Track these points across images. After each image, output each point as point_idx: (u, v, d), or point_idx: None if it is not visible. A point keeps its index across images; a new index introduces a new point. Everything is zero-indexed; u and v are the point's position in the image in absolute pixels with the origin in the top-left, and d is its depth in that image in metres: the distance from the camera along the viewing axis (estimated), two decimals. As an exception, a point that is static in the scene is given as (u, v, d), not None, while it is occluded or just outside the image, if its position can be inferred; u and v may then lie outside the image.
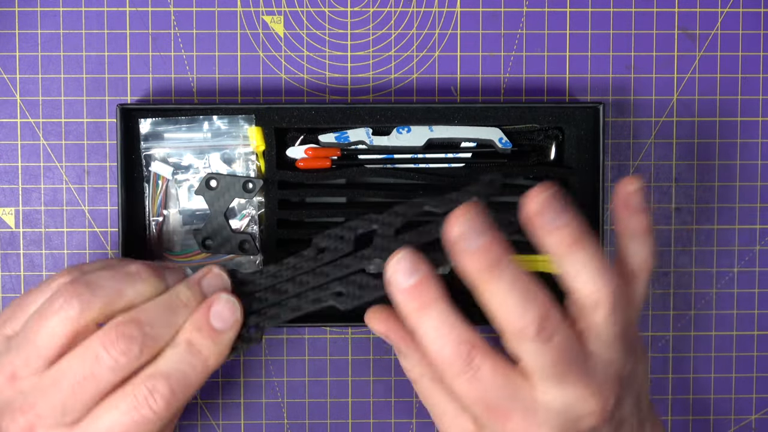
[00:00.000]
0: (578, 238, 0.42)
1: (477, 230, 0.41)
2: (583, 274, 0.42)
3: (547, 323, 0.40)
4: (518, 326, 0.41)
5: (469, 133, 0.57)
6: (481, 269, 0.41)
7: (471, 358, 0.41)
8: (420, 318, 0.42)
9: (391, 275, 0.42)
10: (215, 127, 0.56)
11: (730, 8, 0.60)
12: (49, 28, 0.59)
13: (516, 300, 0.41)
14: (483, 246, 0.41)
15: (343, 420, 0.60)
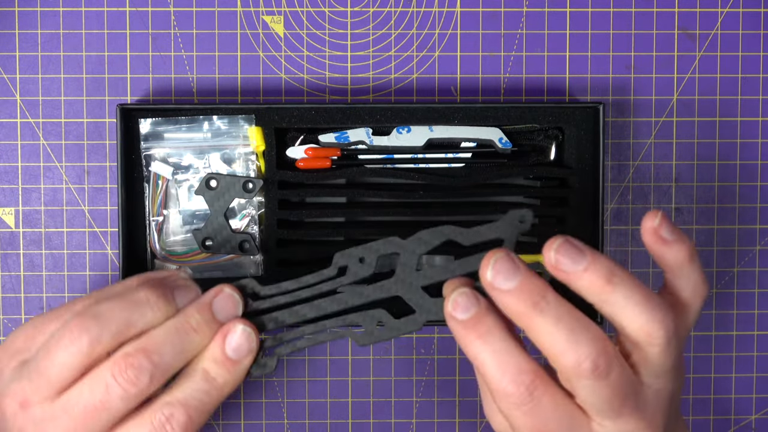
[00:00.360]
0: (608, 276, 0.41)
1: (511, 269, 0.41)
2: (628, 310, 0.41)
3: (602, 359, 0.40)
4: (572, 363, 0.40)
5: (469, 133, 0.57)
6: (524, 308, 0.41)
7: (533, 389, 0.41)
8: (479, 348, 0.41)
9: (450, 311, 0.42)
10: (215, 127, 0.56)
11: (730, 8, 0.60)
12: (49, 28, 0.59)
13: (566, 336, 0.40)
14: (520, 284, 0.41)
15: (343, 420, 0.60)
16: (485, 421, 0.61)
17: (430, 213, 0.57)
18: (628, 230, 0.60)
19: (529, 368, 0.41)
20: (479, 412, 0.61)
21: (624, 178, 0.60)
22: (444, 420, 0.61)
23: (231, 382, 0.45)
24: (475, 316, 0.42)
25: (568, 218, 0.58)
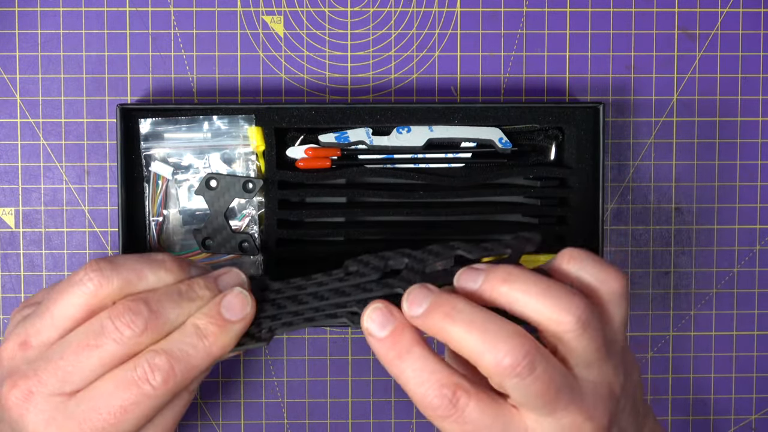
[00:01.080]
0: (504, 277, 0.42)
1: (422, 296, 0.43)
2: (531, 303, 0.41)
3: (521, 354, 0.40)
4: (492, 363, 0.40)
5: (469, 133, 0.57)
6: (438, 321, 0.42)
7: (456, 399, 0.41)
8: (400, 366, 0.42)
9: (366, 327, 0.43)
10: (215, 127, 0.56)
11: (730, 8, 0.60)
12: (49, 28, 0.59)
13: (480, 337, 0.41)
14: (431, 304, 0.42)
15: (343, 420, 0.60)
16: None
17: (430, 213, 0.57)
18: (628, 230, 0.60)
19: (449, 381, 0.42)
20: (479, 412, 0.61)
21: (624, 178, 0.60)
22: (444, 420, 0.61)
23: (220, 342, 0.45)
24: (392, 333, 0.42)
25: (568, 218, 0.58)
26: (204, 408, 0.60)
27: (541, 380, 0.40)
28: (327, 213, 0.57)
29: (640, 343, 0.61)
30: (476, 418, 0.41)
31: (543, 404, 0.41)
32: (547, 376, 0.41)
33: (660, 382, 0.61)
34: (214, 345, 0.44)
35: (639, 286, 0.61)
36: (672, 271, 0.61)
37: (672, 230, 0.61)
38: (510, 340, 0.40)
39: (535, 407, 0.41)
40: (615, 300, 0.44)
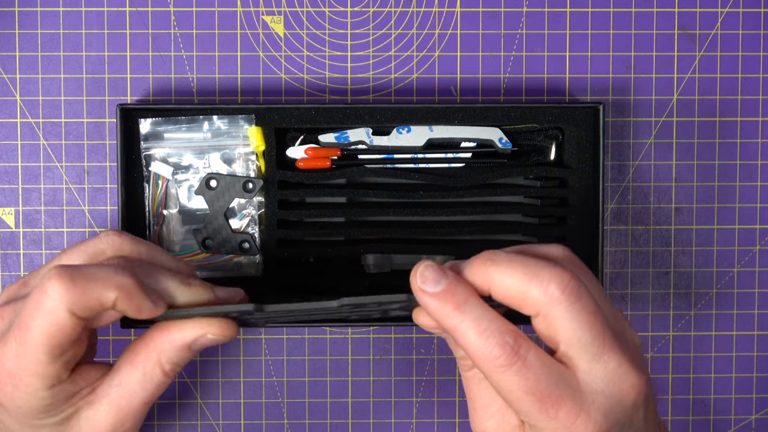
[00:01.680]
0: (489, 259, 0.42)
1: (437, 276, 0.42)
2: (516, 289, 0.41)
3: (569, 281, 0.41)
4: (541, 293, 0.40)
5: (469, 133, 0.57)
6: (479, 268, 0.42)
7: (518, 346, 0.41)
8: (458, 317, 0.41)
9: (420, 285, 0.42)
10: (215, 127, 0.56)
11: (730, 8, 0.60)
12: (49, 28, 0.59)
13: (523, 274, 0.41)
14: (472, 259, 0.42)
15: (343, 420, 0.60)
16: (485, 421, 0.61)
17: (430, 213, 0.57)
18: (628, 230, 0.60)
19: (509, 329, 0.41)
20: (479, 412, 0.61)
21: (624, 178, 0.60)
22: (444, 420, 0.61)
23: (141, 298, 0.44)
24: (448, 287, 0.42)
25: (568, 218, 0.58)
26: (204, 408, 0.60)
27: (588, 309, 0.41)
28: (327, 213, 0.57)
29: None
30: (537, 367, 0.41)
31: (592, 339, 0.41)
32: (593, 305, 0.41)
33: (660, 382, 0.61)
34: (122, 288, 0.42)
35: (639, 286, 0.61)
36: (672, 271, 0.61)
37: (672, 230, 0.61)
38: (552, 269, 0.41)
39: (585, 345, 0.41)
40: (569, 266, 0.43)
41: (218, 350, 0.60)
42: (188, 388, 0.60)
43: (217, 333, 0.45)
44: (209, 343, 0.46)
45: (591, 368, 0.41)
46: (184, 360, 0.46)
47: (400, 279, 0.57)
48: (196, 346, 0.46)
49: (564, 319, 0.41)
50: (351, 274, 0.57)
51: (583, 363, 0.41)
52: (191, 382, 0.60)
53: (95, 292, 0.42)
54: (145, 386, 0.45)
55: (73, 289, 0.41)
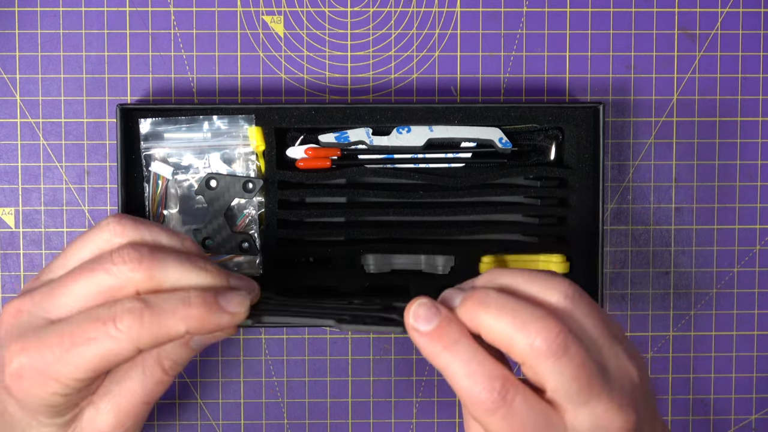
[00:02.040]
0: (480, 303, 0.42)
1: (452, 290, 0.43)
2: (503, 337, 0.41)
3: (557, 335, 0.40)
4: (527, 346, 0.40)
5: (469, 133, 0.57)
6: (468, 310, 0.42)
7: (505, 392, 0.41)
8: (448, 358, 0.42)
9: (413, 323, 0.42)
10: (215, 127, 0.56)
11: (730, 8, 0.60)
12: (49, 28, 0.59)
13: (512, 321, 0.41)
14: (466, 296, 0.42)
15: (343, 420, 0.60)
16: (485, 421, 0.61)
17: (430, 213, 0.57)
18: (628, 230, 0.60)
19: (498, 373, 0.41)
20: (479, 412, 0.61)
21: (624, 178, 0.60)
22: (444, 420, 0.61)
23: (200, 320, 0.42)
24: (439, 326, 0.42)
25: (568, 218, 0.58)
26: (204, 408, 0.60)
27: (574, 362, 0.40)
28: (327, 213, 0.57)
29: (640, 343, 0.61)
30: (523, 412, 0.41)
31: (578, 389, 0.41)
32: (580, 357, 0.41)
33: (660, 382, 0.61)
34: (193, 318, 0.42)
35: (639, 286, 0.61)
36: (672, 271, 0.61)
37: (672, 230, 0.61)
38: (541, 321, 0.41)
39: (571, 395, 0.41)
40: (568, 309, 0.43)
41: (218, 350, 0.60)
42: (188, 388, 0.60)
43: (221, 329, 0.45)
44: (208, 340, 0.46)
45: (578, 413, 0.41)
46: (184, 358, 0.46)
47: (400, 279, 0.57)
48: (195, 343, 0.46)
49: (549, 373, 0.41)
50: (351, 274, 0.57)
51: (569, 408, 0.41)
52: (191, 382, 0.60)
53: (165, 329, 0.42)
54: (145, 385, 0.45)
55: (145, 329, 0.41)
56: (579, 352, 0.41)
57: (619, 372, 0.42)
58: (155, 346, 0.42)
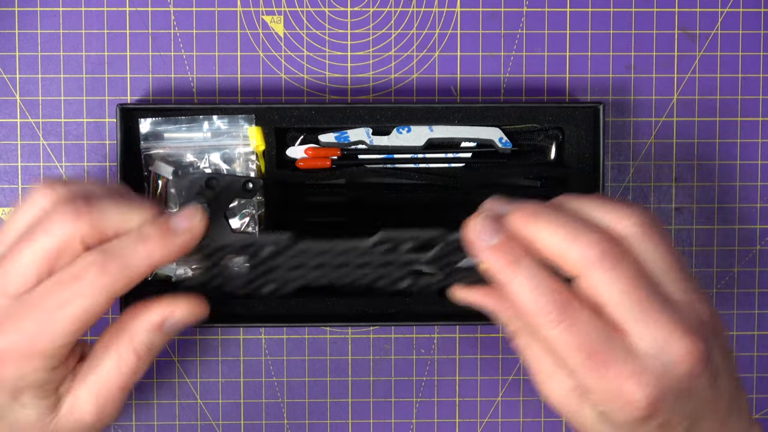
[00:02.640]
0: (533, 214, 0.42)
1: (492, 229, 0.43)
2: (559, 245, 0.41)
3: (611, 246, 0.41)
4: (580, 257, 0.41)
5: (469, 133, 0.57)
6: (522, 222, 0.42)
7: (568, 305, 0.41)
8: (512, 272, 0.42)
9: (476, 236, 0.42)
10: (215, 127, 0.56)
11: (730, 8, 0.60)
12: (49, 28, 0.59)
13: (565, 234, 0.41)
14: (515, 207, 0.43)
15: (343, 420, 0.60)
16: (485, 420, 0.61)
17: (430, 213, 0.57)
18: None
19: (561, 287, 0.41)
20: (479, 412, 0.61)
21: (624, 178, 0.60)
22: (444, 420, 0.61)
23: (162, 248, 0.43)
24: (504, 241, 0.42)
25: (568, 218, 0.58)
26: (204, 408, 0.60)
27: (627, 275, 0.40)
28: (327, 213, 0.57)
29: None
30: (588, 324, 0.41)
31: (631, 305, 0.40)
32: (633, 272, 0.41)
33: (660, 382, 0.61)
34: (155, 251, 0.42)
35: (639, 286, 0.61)
36: (672, 271, 0.61)
37: (672, 230, 0.61)
38: (595, 233, 0.41)
39: (626, 310, 0.41)
40: (638, 237, 0.42)
41: (218, 350, 0.60)
42: (188, 387, 0.60)
43: (185, 311, 0.45)
44: (179, 323, 0.45)
45: (640, 332, 0.41)
46: (158, 343, 0.45)
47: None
48: (167, 327, 0.45)
49: (603, 284, 0.41)
50: (351, 274, 0.57)
51: (630, 327, 0.41)
52: (191, 382, 0.60)
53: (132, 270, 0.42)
54: (120, 371, 0.45)
55: (112, 277, 0.42)
56: (633, 267, 0.41)
57: (686, 305, 0.42)
58: (127, 290, 0.42)
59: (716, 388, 0.42)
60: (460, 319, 0.56)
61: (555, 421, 0.61)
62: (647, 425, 0.41)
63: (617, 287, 0.41)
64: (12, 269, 0.42)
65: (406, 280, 0.46)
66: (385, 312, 0.57)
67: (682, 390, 0.41)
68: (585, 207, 0.43)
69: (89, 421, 0.45)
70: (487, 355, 0.61)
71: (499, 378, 0.61)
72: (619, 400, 0.41)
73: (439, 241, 0.45)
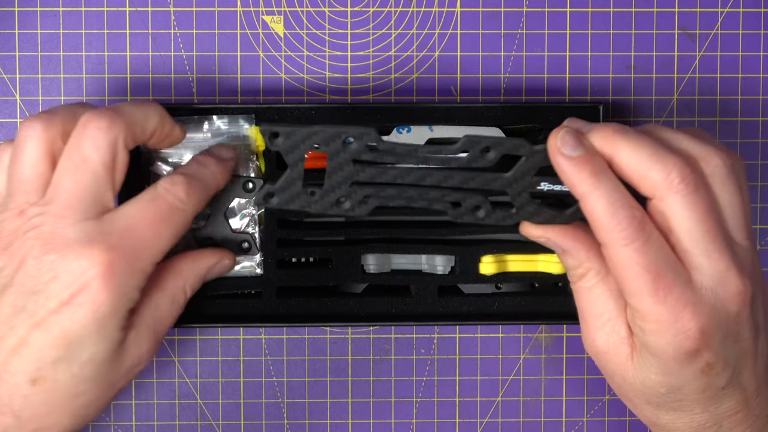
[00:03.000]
0: (618, 131, 0.43)
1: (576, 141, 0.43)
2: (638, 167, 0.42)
3: (691, 171, 0.41)
4: (662, 177, 0.41)
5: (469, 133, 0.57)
6: (606, 136, 0.43)
7: (644, 223, 0.41)
8: (591, 185, 0.42)
9: (559, 146, 0.43)
10: (215, 127, 0.56)
11: (730, 8, 0.60)
12: (49, 28, 0.59)
13: (648, 153, 0.41)
14: (598, 125, 0.43)
15: (343, 420, 0.60)
16: (485, 420, 0.61)
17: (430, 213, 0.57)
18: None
19: (639, 206, 0.42)
20: (479, 412, 0.61)
21: (624, 178, 0.60)
22: (444, 420, 0.61)
23: (221, 172, 0.50)
24: (586, 154, 0.42)
25: (568, 218, 0.58)
26: (204, 408, 0.60)
27: (703, 203, 0.41)
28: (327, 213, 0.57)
29: (640, 343, 0.61)
30: (658, 248, 0.41)
31: (702, 234, 0.41)
32: (709, 202, 0.41)
33: (660, 382, 0.61)
34: (218, 173, 0.49)
35: (639, 286, 0.61)
36: (672, 271, 0.61)
37: (672, 230, 0.61)
38: (677, 157, 0.41)
39: (695, 238, 0.41)
40: (718, 178, 0.43)
41: (218, 350, 0.60)
42: (188, 387, 0.60)
43: (228, 261, 0.51)
44: (221, 271, 0.51)
45: (701, 264, 0.41)
46: (198, 287, 0.50)
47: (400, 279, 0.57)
48: (211, 273, 0.50)
49: (678, 208, 0.41)
50: (351, 274, 0.57)
51: (694, 257, 0.41)
52: (191, 381, 0.60)
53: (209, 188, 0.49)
54: (172, 310, 0.48)
55: (199, 193, 0.47)
56: (709, 199, 0.41)
57: (744, 250, 0.43)
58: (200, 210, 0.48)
59: (757, 344, 0.43)
60: (460, 319, 0.56)
61: (555, 422, 0.61)
62: (694, 363, 0.42)
63: (691, 214, 0.41)
64: (84, 197, 0.44)
65: (482, 209, 0.46)
66: (385, 312, 0.57)
67: (729, 331, 0.42)
68: (673, 136, 0.44)
69: (146, 358, 0.46)
70: (487, 355, 0.61)
71: (499, 378, 0.61)
72: (672, 328, 0.41)
73: (523, 151, 0.45)
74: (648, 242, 0.41)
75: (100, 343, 0.43)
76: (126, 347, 0.45)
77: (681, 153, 0.42)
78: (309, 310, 0.56)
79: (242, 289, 0.56)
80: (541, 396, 0.61)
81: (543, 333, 0.61)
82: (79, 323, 0.42)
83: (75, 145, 0.44)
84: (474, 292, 0.58)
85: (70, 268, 0.42)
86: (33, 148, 0.45)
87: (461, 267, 0.57)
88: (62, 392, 0.44)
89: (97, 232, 0.43)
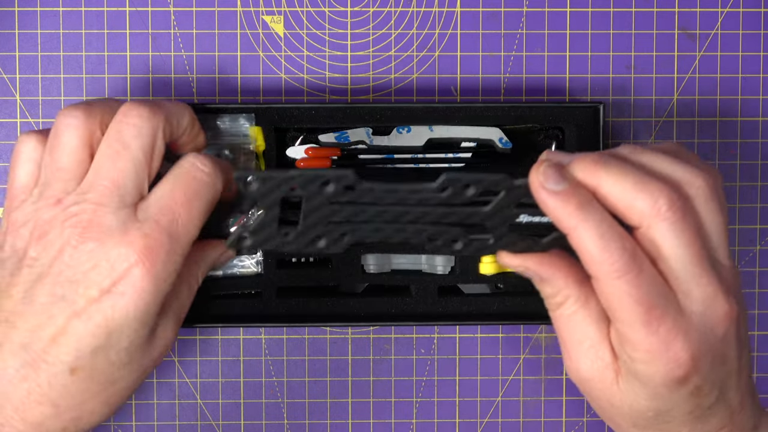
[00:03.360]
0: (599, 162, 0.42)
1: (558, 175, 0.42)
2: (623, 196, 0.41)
3: (678, 199, 0.40)
4: (648, 205, 0.40)
5: (469, 133, 0.57)
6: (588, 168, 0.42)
7: (635, 255, 0.40)
8: (580, 216, 0.41)
9: (542, 181, 0.42)
10: (215, 126, 0.56)
11: (730, 8, 0.60)
12: (49, 28, 0.59)
13: (632, 182, 0.41)
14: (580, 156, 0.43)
15: (343, 420, 0.60)
16: (485, 420, 0.61)
17: (430, 213, 0.57)
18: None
19: (628, 236, 0.41)
20: (479, 412, 0.61)
21: (624, 178, 0.60)
22: (444, 420, 0.61)
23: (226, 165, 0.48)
24: (570, 186, 0.41)
25: (568, 218, 0.58)
26: (204, 408, 0.60)
27: (691, 229, 0.40)
28: (327, 213, 0.57)
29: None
30: (650, 280, 0.40)
31: (691, 258, 0.40)
32: (696, 227, 0.41)
33: (660, 382, 0.61)
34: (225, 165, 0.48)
35: (639, 286, 0.61)
36: (672, 271, 0.61)
37: (672, 230, 0.61)
38: (662, 183, 0.41)
39: (684, 264, 0.41)
40: (702, 199, 0.42)
41: (218, 350, 0.60)
42: (188, 387, 0.60)
43: (232, 252, 0.50)
44: (224, 261, 0.51)
45: (691, 290, 0.41)
46: (205, 276, 0.50)
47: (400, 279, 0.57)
48: (218, 263, 0.50)
49: (668, 235, 0.40)
50: (351, 274, 0.57)
51: (682, 283, 0.41)
52: (191, 382, 0.60)
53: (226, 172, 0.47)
54: (189, 297, 0.48)
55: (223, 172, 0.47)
56: (695, 222, 0.41)
57: (726, 270, 0.42)
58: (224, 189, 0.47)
59: (742, 359, 0.43)
60: (460, 319, 0.56)
61: (555, 421, 0.61)
62: (682, 389, 0.41)
63: (680, 241, 0.40)
64: (123, 184, 0.44)
65: (459, 242, 0.46)
66: (385, 312, 0.57)
67: (716, 354, 0.41)
68: (653, 159, 0.43)
69: (171, 344, 0.47)
70: (487, 355, 0.61)
71: (499, 378, 0.61)
72: (663, 357, 0.40)
73: (503, 186, 0.44)
74: (641, 274, 0.40)
75: (139, 330, 0.44)
76: (157, 333, 0.45)
77: (664, 178, 0.41)
78: (309, 310, 0.56)
79: (242, 289, 0.56)
80: (541, 396, 0.61)
81: (543, 333, 0.61)
82: (120, 311, 0.43)
83: (116, 132, 0.44)
84: (474, 292, 0.58)
85: (109, 256, 0.42)
86: (73, 136, 0.44)
87: (461, 267, 0.57)
88: (100, 380, 0.44)
89: (135, 219, 0.43)
